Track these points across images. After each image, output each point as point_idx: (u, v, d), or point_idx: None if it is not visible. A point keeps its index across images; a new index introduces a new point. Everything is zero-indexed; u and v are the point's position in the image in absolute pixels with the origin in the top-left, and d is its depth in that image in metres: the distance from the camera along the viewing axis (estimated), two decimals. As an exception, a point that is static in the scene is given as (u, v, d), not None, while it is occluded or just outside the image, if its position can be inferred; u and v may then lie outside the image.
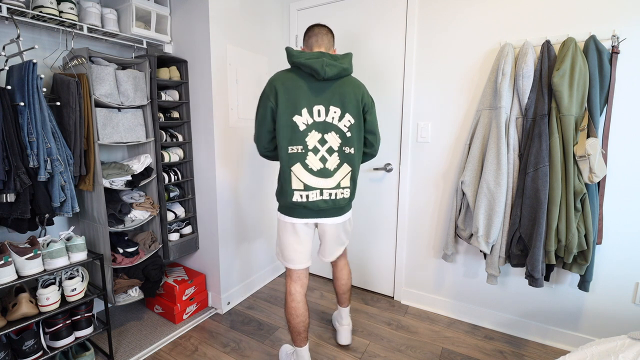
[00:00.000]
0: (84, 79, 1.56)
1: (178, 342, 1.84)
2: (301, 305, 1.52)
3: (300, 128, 1.37)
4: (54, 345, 1.46)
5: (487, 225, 1.67)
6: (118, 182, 1.77)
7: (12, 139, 1.31)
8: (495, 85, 1.66)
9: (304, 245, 1.50)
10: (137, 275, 1.85)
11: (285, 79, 1.39)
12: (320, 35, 1.48)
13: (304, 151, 1.38)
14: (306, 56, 1.37)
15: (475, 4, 1.79)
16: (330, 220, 1.48)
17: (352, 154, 1.43)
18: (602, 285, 1.66)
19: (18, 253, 1.34)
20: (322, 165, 1.39)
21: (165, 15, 1.97)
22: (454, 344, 1.84)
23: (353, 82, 1.45)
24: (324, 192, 1.40)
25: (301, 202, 1.39)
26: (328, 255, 1.63)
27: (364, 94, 1.45)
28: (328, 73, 1.35)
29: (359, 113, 1.43)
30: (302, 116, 1.37)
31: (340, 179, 1.43)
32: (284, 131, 1.37)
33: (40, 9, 1.47)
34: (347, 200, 1.46)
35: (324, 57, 1.36)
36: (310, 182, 1.39)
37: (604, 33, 1.49)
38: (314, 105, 1.37)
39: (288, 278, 1.56)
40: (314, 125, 1.38)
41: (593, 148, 1.43)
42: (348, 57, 1.45)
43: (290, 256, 1.51)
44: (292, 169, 1.38)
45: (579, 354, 1.08)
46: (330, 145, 1.40)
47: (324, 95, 1.38)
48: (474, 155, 1.73)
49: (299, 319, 1.51)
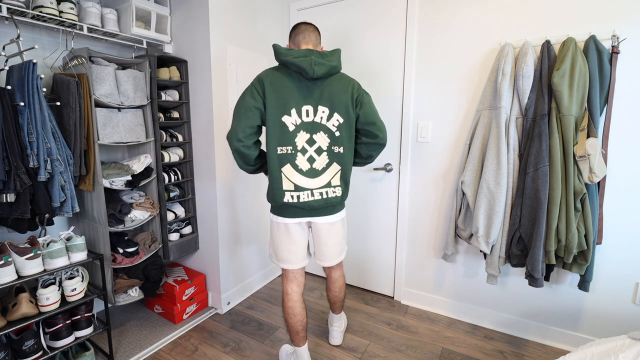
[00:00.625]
0: (84, 79, 1.56)
1: (178, 342, 1.84)
2: (298, 304, 1.52)
3: (289, 129, 1.35)
4: (54, 345, 1.46)
5: (487, 225, 1.67)
6: (118, 182, 1.77)
7: (12, 139, 1.31)
8: (495, 85, 1.66)
9: (297, 245, 1.49)
10: (137, 275, 1.85)
11: (273, 78, 1.36)
12: (307, 33, 1.44)
13: (293, 152, 1.37)
14: (294, 54, 1.34)
15: (475, 4, 1.79)
16: (323, 219, 1.47)
17: (342, 153, 1.42)
18: (602, 285, 1.66)
19: (18, 253, 1.34)
20: (310, 165, 1.39)
21: (165, 15, 1.97)
22: (454, 344, 1.84)
23: (342, 80, 1.42)
24: (314, 193, 1.40)
25: (292, 202, 1.39)
26: (324, 258, 1.58)
27: (354, 89, 1.41)
28: (317, 72, 1.33)
29: (349, 111, 1.40)
30: (291, 116, 1.35)
31: (330, 178, 1.42)
32: (273, 131, 1.35)
33: (40, 9, 1.47)
34: (339, 199, 1.45)
35: (312, 56, 1.34)
36: (301, 183, 1.38)
37: (604, 33, 1.49)
38: (303, 105, 1.36)
39: (284, 278, 1.56)
40: (302, 125, 1.37)
41: (593, 148, 1.43)
42: (336, 53, 1.42)
43: (285, 256, 1.51)
44: (282, 170, 1.37)
45: (579, 354, 1.08)
46: (319, 145, 1.39)
47: (312, 95, 1.37)
48: (474, 155, 1.73)
49: (296, 318, 1.51)
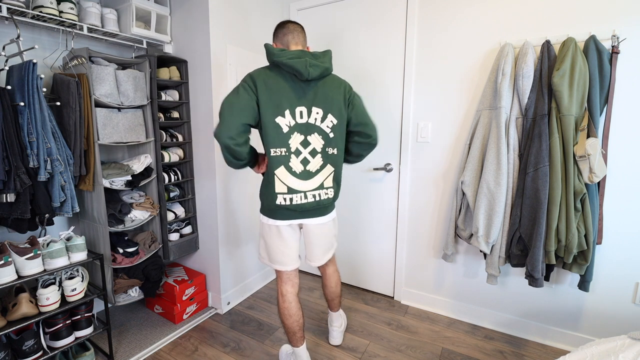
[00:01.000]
0: (84, 79, 1.56)
1: (178, 342, 1.84)
2: (293, 305, 1.51)
3: (283, 130, 1.34)
4: (54, 345, 1.46)
5: (487, 225, 1.67)
6: (118, 182, 1.77)
7: (12, 139, 1.31)
8: (495, 85, 1.66)
9: (289, 247, 1.48)
10: (137, 275, 1.85)
11: (266, 78, 1.33)
12: (297, 33, 1.43)
13: (287, 154, 1.35)
14: (288, 55, 1.32)
15: (475, 4, 1.79)
16: (314, 220, 1.46)
17: (336, 154, 1.42)
18: (602, 285, 1.66)
19: (18, 253, 1.34)
20: (304, 167, 1.38)
21: (165, 15, 1.97)
22: (454, 344, 1.84)
23: (334, 81, 1.42)
24: (307, 195, 1.39)
25: (285, 205, 1.37)
26: (315, 259, 1.57)
27: (345, 90, 1.42)
28: (312, 74, 1.31)
29: (342, 112, 1.40)
30: (285, 118, 1.33)
31: (323, 180, 1.42)
32: (267, 132, 1.33)
33: (40, 9, 1.47)
34: (330, 200, 1.45)
35: (307, 57, 1.32)
36: (294, 185, 1.37)
37: (604, 33, 1.49)
38: (296, 106, 1.35)
39: (278, 280, 1.55)
40: (296, 127, 1.36)
41: (593, 148, 1.43)
42: (328, 55, 1.41)
43: (278, 258, 1.49)
44: (275, 173, 1.35)
45: (579, 354, 1.08)
46: (313, 147, 1.38)
47: (306, 97, 1.36)
48: (474, 155, 1.73)
49: (292, 319, 1.51)
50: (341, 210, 2.41)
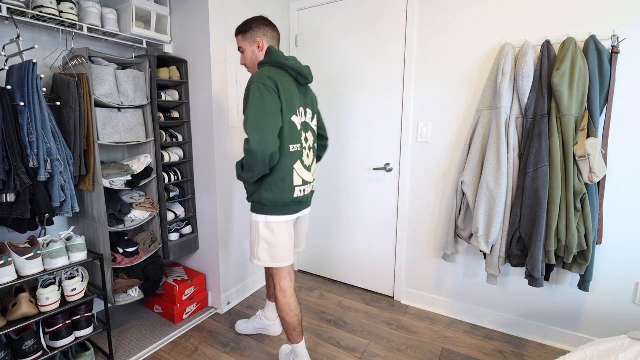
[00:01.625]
0: (84, 79, 1.56)
1: (178, 342, 1.84)
2: (293, 299, 1.54)
3: (297, 127, 1.44)
4: (54, 345, 1.46)
5: (487, 225, 1.67)
6: (118, 182, 1.77)
7: (12, 139, 1.31)
8: (495, 85, 1.66)
9: (292, 240, 1.56)
10: (137, 275, 1.85)
11: (281, 78, 1.38)
12: (278, 34, 1.55)
13: (301, 149, 1.46)
14: (292, 60, 1.45)
15: (475, 4, 1.79)
16: (307, 211, 1.63)
17: (317, 150, 1.65)
18: (602, 285, 1.66)
19: (18, 253, 1.34)
20: (309, 161, 1.54)
21: (165, 15, 1.97)
22: (454, 344, 1.84)
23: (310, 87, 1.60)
24: (311, 186, 1.55)
25: (299, 197, 1.47)
26: (302, 245, 1.75)
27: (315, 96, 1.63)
28: (309, 79, 1.49)
29: (318, 115, 1.64)
30: (298, 116, 1.44)
31: (314, 172, 1.58)
32: (286, 130, 1.38)
33: (40, 9, 1.47)
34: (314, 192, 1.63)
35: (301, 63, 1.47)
36: (305, 177, 1.50)
37: (604, 33, 1.49)
38: (300, 106, 1.47)
39: (279, 277, 1.52)
40: (303, 124, 1.48)
41: (593, 148, 1.43)
42: None
43: (285, 255, 1.50)
44: (294, 167, 1.44)
45: (579, 354, 1.09)
46: (310, 143, 1.54)
47: (304, 98, 1.51)
48: (474, 155, 1.73)
49: (292, 313, 1.52)
50: (341, 210, 2.42)
